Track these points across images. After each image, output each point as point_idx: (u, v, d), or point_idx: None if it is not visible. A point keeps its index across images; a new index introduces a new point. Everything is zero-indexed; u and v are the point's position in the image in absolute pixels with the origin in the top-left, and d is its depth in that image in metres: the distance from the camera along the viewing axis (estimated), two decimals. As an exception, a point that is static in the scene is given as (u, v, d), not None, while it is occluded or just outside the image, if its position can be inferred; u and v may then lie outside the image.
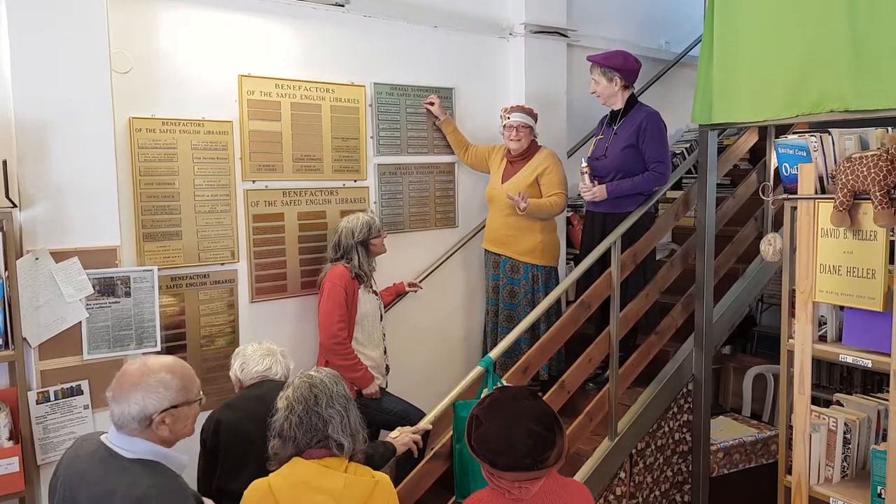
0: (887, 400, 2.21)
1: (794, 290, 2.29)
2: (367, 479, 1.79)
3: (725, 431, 3.43)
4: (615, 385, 2.95)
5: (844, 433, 2.20)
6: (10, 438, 2.26)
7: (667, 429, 3.23)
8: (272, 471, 1.81)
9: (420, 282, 3.43)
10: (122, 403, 1.55)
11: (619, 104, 3.30)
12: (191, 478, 2.26)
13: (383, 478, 1.84)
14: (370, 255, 2.99)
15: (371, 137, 3.34)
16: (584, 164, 3.27)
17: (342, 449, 1.80)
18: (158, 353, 2.68)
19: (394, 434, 2.42)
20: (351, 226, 2.96)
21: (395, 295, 3.32)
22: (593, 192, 3.22)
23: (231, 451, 2.20)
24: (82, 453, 1.61)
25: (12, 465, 2.22)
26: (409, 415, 2.87)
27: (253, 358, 2.38)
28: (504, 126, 3.38)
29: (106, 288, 2.50)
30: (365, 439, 1.89)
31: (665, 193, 3.40)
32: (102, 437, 1.61)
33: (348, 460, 1.82)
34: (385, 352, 3.10)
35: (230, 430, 2.22)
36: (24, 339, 2.31)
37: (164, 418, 1.57)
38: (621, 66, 3.23)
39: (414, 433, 2.42)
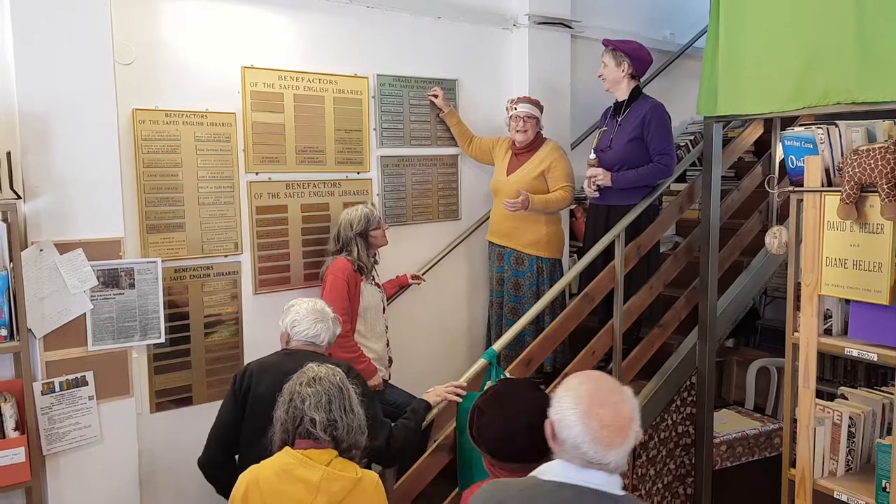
0: (892, 394, 2.21)
1: (799, 284, 2.28)
2: (347, 476, 1.73)
3: (728, 424, 3.43)
4: (618, 377, 2.95)
5: (849, 427, 2.19)
6: (16, 429, 2.27)
7: (670, 421, 3.23)
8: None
9: (423, 274, 3.43)
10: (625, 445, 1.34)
11: (623, 94, 3.28)
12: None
13: (368, 476, 1.78)
14: (370, 247, 2.98)
15: (374, 129, 3.33)
16: (593, 156, 3.25)
17: (315, 426, 1.73)
18: (162, 344, 2.70)
19: (429, 390, 2.46)
20: (349, 217, 2.95)
21: (397, 287, 3.32)
22: (598, 174, 3.18)
23: (252, 418, 2.15)
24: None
25: (18, 455, 2.24)
26: (413, 407, 2.88)
27: (306, 320, 2.28)
28: (510, 117, 3.36)
29: (110, 279, 2.51)
30: (349, 429, 1.78)
31: (669, 186, 3.38)
32: (590, 486, 1.33)
33: (338, 454, 1.76)
34: (388, 344, 3.10)
35: (261, 391, 2.15)
36: (29, 330, 2.32)
37: None
38: (634, 52, 3.23)
39: (447, 388, 2.43)
